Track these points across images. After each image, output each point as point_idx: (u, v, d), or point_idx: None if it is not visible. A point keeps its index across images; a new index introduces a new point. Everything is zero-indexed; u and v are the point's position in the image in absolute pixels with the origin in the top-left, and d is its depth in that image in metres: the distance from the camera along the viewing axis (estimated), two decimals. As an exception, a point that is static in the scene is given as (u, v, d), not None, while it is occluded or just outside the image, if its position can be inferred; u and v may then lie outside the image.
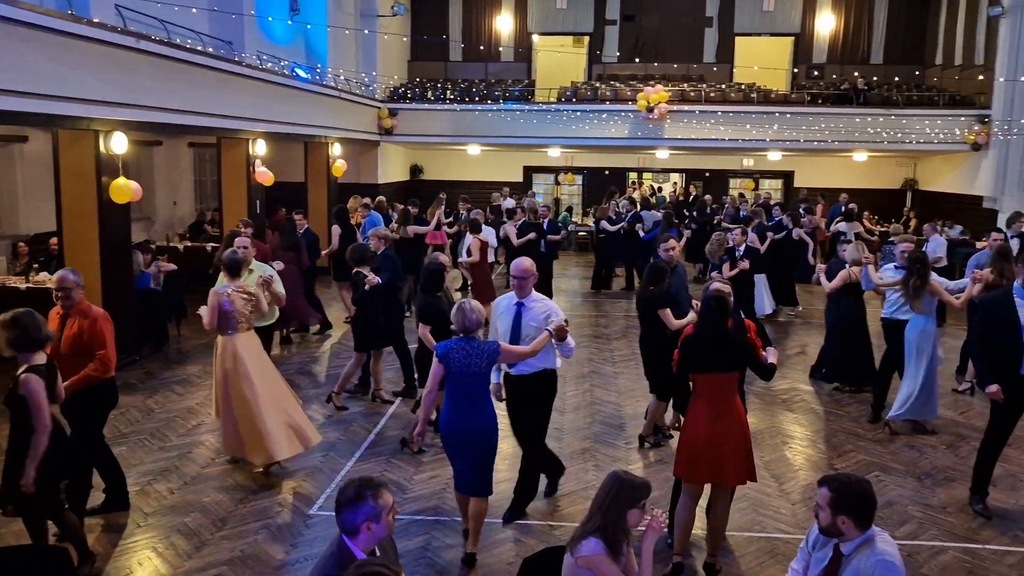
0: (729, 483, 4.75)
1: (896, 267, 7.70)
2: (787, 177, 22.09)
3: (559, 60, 21.36)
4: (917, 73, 20.90)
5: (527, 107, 18.67)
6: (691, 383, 4.88)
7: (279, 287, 7.00)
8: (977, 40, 18.51)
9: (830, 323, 8.74)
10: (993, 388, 5.48)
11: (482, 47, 20.94)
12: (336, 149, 16.07)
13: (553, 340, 5.09)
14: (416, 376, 7.73)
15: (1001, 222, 15.87)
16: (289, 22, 15.33)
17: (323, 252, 11.31)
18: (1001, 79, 16.65)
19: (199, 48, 11.08)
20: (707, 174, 21.97)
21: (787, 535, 5.39)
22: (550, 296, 12.98)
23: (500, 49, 21.94)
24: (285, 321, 10.09)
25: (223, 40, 12.65)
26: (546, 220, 13.09)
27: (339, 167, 15.81)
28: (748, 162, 21.94)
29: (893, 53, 21.49)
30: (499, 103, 18.70)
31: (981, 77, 18.09)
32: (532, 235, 11.83)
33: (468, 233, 10.89)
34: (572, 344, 5.35)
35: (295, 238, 10.31)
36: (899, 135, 17.80)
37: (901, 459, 6.84)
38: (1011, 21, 16.49)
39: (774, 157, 20.52)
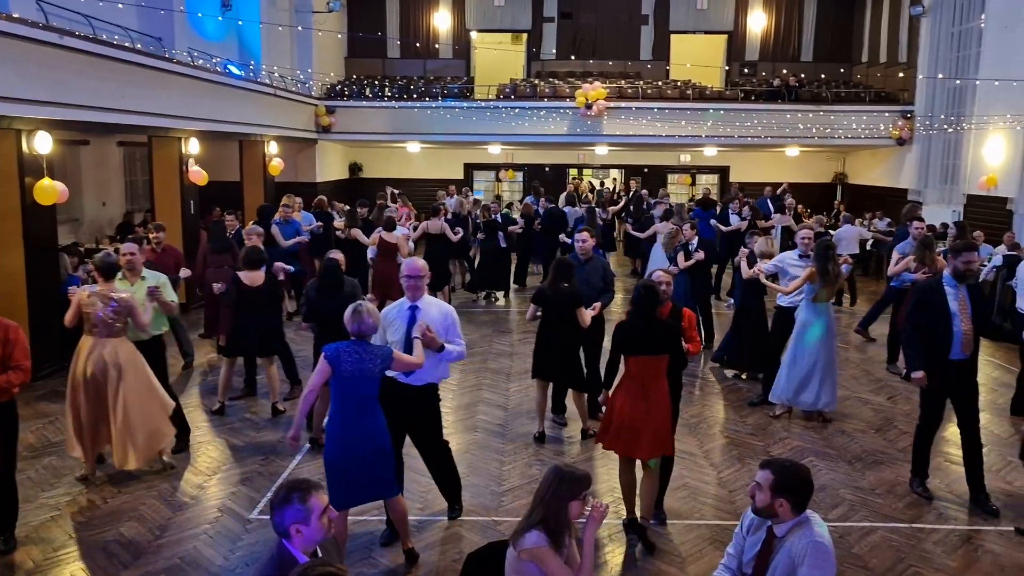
0: (642, 456, 5.07)
1: (800, 255, 7.93)
2: (723, 172, 22.56)
3: (498, 57, 21.41)
4: (842, 71, 21.58)
5: (466, 104, 18.67)
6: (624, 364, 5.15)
7: (168, 295, 6.55)
8: (900, 38, 19.21)
9: (751, 312, 8.77)
10: (919, 375, 5.69)
11: (418, 44, 20.82)
12: (272, 147, 15.80)
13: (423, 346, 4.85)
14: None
15: (924, 214, 16.54)
16: (220, 18, 14.99)
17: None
18: (922, 76, 17.31)
19: (127, 45, 10.77)
20: (646, 170, 22.29)
21: (725, 521, 5.52)
22: (505, 290, 13.34)
23: (439, 46, 21.87)
24: (213, 330, 9.93)
25: (152, 36, 12.32)
26: (498, 215, 13.31)
27: (276, 166, 15.55)
28: (685, 158, 22.35)
29: (822, 51, 22.13)
30: (438, 100, 18.65)
31: (902, 74, 18.78)
32: (459, 230, 12.12)
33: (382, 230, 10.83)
34: (456, 351, 5.13)
35: (225, 241, 9.89)
36: (828, 130, 18.35)
37: (833, 444, 7.07)
38: (931, 20, 17.16)
39: (710, 153, 20.94)
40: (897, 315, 9.26)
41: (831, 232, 14.00)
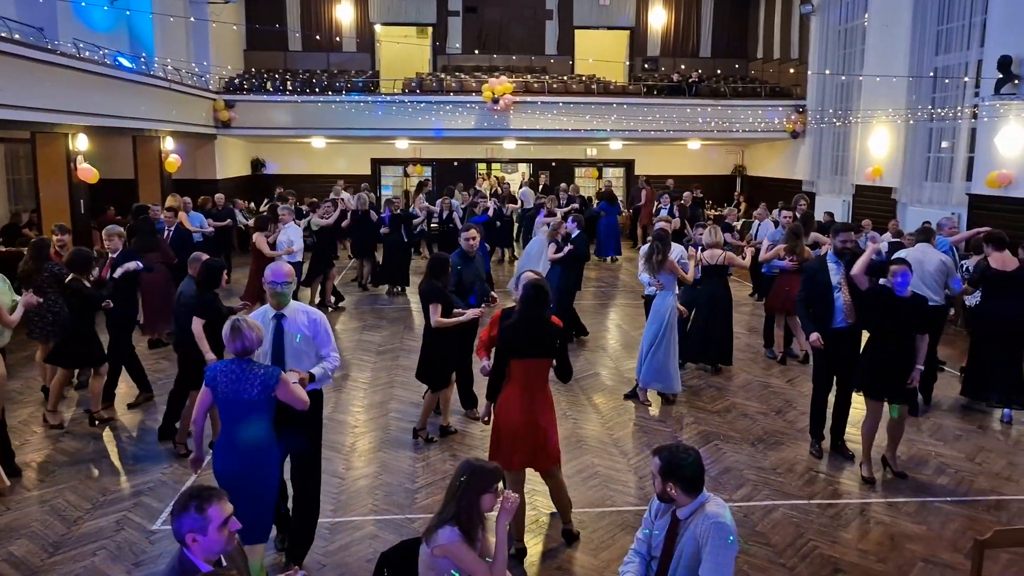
0: (544, 467, 4.90)
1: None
2: (628, 165, 23.02)
3: (403, 51, 21.17)
4: (737, 66, 22.34)
5: (372, 98, 18.39)
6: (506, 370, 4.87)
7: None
8: (792, 36, 20.02)
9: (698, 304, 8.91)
10: (814, 336, 6.31)
11: (318, 36, 20.37)
12: (169, 143, 15.19)
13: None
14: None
15: (817, 204, 17.35)
16: (107, 8, 14.28)
17: None
18: (812, 72, 18.10)
19: (3, 35, 10.12)
20: (553, 163, 22.51)
21: (636, 507, 5.65)
22: (406, 285, 13.24)
23: (341, 39, 21.47)
24: (154, 328, 9.79)
25: (33, 27, 11.62)
26: (401, 210, 13.19)
27: (172, 162, 14.97)
28: (591, 151, 22.69)
29: (719, 47, 22.84)
30: (343, 94, 18.32)
31: (793, 71, 19.60)
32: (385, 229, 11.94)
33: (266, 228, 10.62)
34: (328, 369, 4.67)
35: (152, 238, 9.58)
36: (727, 124, 18.96)
37: (736, 427, 7.33)
38: (820, 19, 17.96)
39: (615, 146, 21.32)
40: (767, 301, 9.69)
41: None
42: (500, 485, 3.39)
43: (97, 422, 7.25)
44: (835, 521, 5.52)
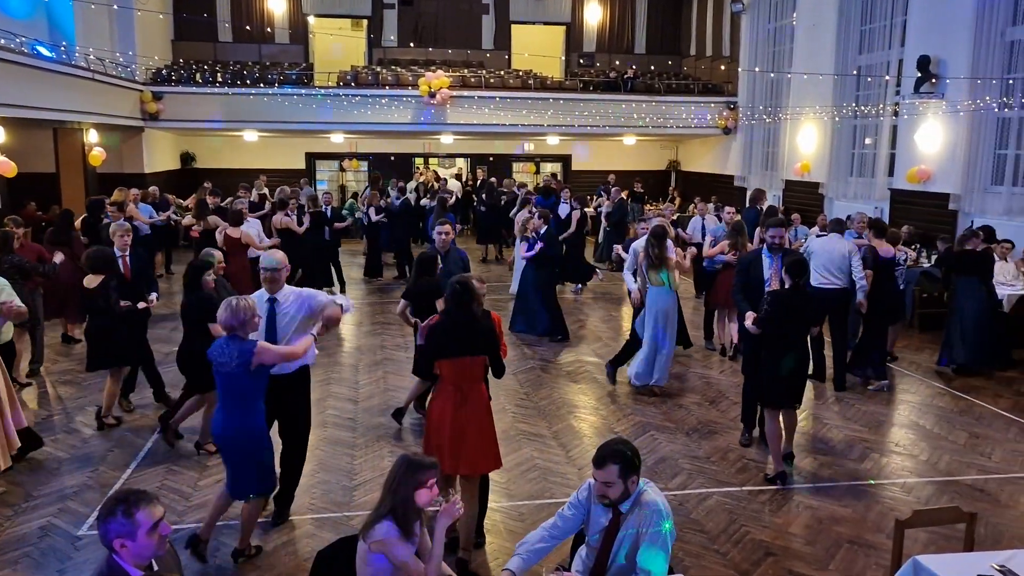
0: (470, 472, 4.69)
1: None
2: (566, 160, 23.18)
3: (337, 43, 20.87)
4: (670, 63, 22.70)
5: (306, 91, 18.05)
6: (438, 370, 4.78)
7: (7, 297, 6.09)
8: (723, 34, 20.45)
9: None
10: (750, 320, 6.20)
11: (248, 27, 19.92)
12: (93, 136, 14.66)
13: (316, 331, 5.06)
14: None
15: (748, 198, 17.74)
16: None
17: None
18: (742, 69, 18.52)
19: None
20: (491, 158, 22.51)
21: (574, 498, 5.70)
22: (343, 285, 13.02)
23: (274, 30, 21.03)
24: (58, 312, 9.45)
25: (-58, 13, 11.06)
26: (329, 207, 12.90)
27: (97, 155, 14.44)
28: (529, 146, 22.77)
29: (654, 44, 23.17)
30: (276, 87, 17.93)
31: (724, 68, 20.02)
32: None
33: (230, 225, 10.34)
34: (345, 303, 5.33)
35: (67, 234, 9.35)
36: (661, 120, 19.21)
37: (672, 418, 7.47)
38: (750, 17, 18.37)
39: (553, 141, 21.44)
40: (709, 295, 9.92)
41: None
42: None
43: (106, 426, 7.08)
44: (766, 507, 5.68)
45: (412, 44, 21.16)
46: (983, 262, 8.81)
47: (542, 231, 10.29)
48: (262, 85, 17.93)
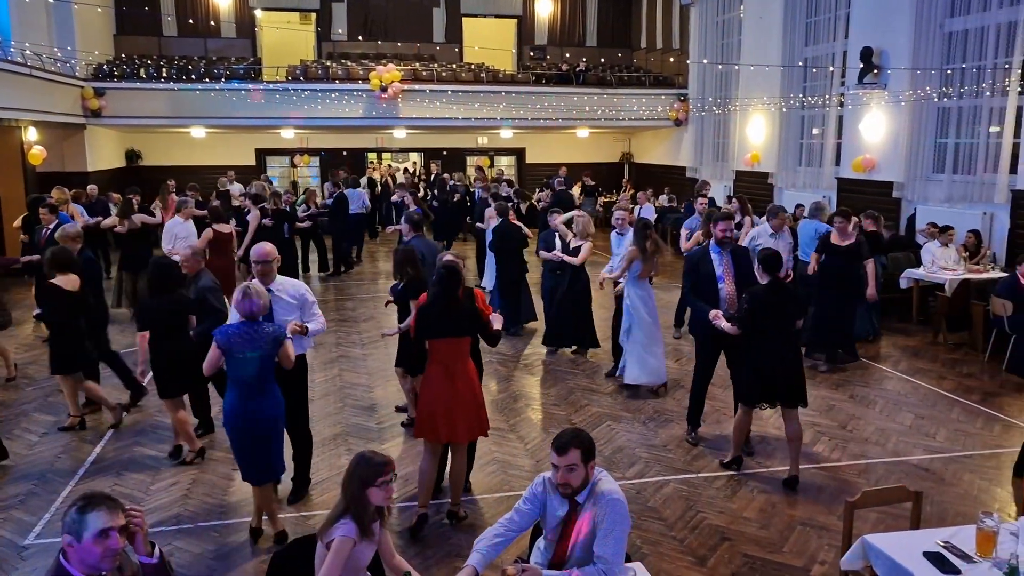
0: (463, 439, 5.15)
1: (617, 233, 8.46)
2: (519, 154, 23.19)
3: (286, 37, 20.54)
4: (620, 56, 22.85)
5: (254, 86, 17.74)
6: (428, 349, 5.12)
7: None
8: (673, 26, 20.65)
9: (574, 292, 9.01)
10: (713, 313, 6.01)
11: (191, 21, 19.48)
12: (32, 134, 14.20)
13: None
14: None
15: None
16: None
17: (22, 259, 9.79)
18: (692, 62, 18.73)
19: None
20: (444, 152, 22.43)
21: (533, 490, 5.72)
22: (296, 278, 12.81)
23: (220, 24, 20.62)
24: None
25: None
26: (288, 206, 12.76)
27: (36, 154, 13.99)
28: (483, 140, 22.72)
29: (605, 37, 23.29)
30: (223, 82, 17.59)
31: (673, 60, 20.22)
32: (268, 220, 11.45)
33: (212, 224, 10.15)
34: (317, 326, 5.45)
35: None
36: (613, 112, 19.36)
37: (628, 408, 7.54)
38: (699, 10, 18.58)
39: (506, 135, 21.43)
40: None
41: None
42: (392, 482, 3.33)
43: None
44: (722, 492, 5.77)
45: (361, 38, 20.93)
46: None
47: (493, 225, 10.26)
48: (208, 80, 17.58)
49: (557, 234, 9.11)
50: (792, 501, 5.61)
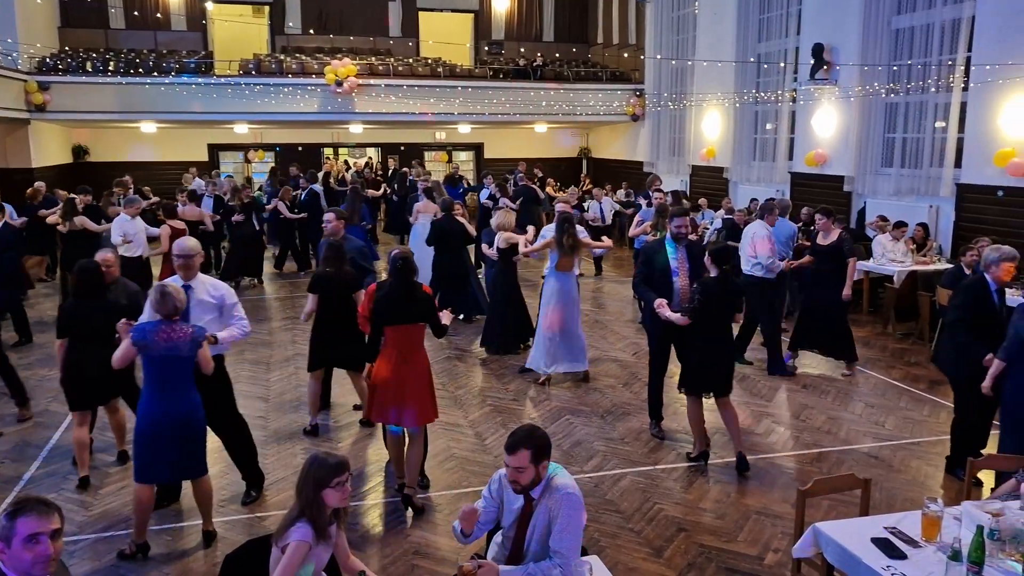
0: (411, 424, 5.27)
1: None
2: (478, 149, 23.14)
3: (239, 30, 20.19)
4: (575, 50, 22.90)
5: (205, 80, 17.39)
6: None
7: None
8: (629, 22, 20.76)
9: (504, 290, 9.06)
10: (658, 302, 6.12)
11: (140, 13, 19.03)
12: (-28, 129, 13.74)
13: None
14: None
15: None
16: None
17: None
18: (647, 57, 18.86)
19: None
20: (402, 147, 22.27)
21: (492, 486, 5.71)
22: (259, 276, 12.69)
23: (169, 16, 20.16)
24: None
25: None
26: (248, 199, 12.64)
27: (-22, 150, 13.55)
28: (441, 135, 22.61)
29: (562, 32, 23.33)
30: (173, 76, 17.22)
31: (630, 55, 20.35)
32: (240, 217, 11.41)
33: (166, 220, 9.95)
34: (237, 332, 5.27)
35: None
36: (571, 108, 19.40)
37: (586, 401, 7.58)
38: (655, 6, 18.71)
39: (464, 130, 21.35)
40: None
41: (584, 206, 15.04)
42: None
43: None
44: (678, 484, 5.83)
45: (315, 31, 20.66)
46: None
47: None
48: (158, 74, 17.19)
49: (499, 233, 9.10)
50: (746, 491, 5.69)
